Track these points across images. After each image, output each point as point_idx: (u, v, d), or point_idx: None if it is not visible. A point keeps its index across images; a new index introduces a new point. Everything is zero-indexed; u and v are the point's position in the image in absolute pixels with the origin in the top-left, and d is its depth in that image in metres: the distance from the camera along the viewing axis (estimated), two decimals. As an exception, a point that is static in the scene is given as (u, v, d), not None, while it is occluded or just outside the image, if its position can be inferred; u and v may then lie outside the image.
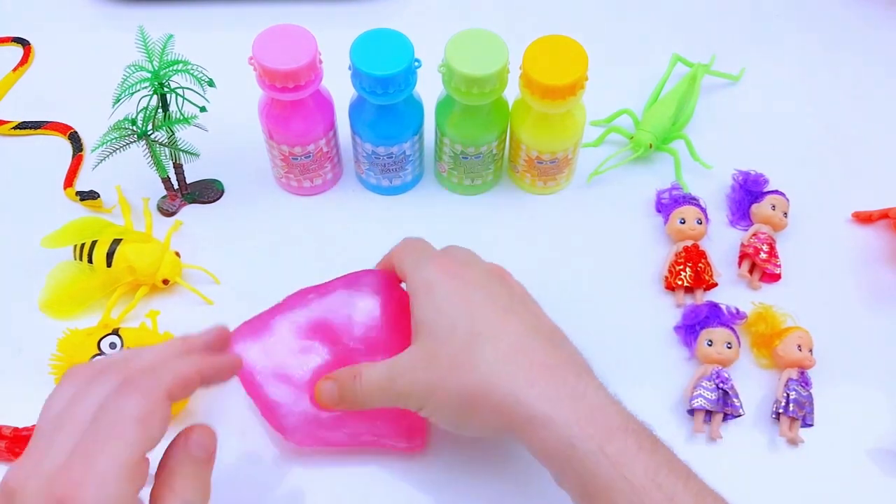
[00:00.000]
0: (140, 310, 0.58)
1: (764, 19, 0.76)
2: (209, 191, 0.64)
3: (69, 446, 0.38)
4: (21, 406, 0.54)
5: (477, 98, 0.56)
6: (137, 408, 0.39)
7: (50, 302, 0.59)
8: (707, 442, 0.55)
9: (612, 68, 0.66)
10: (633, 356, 0.57)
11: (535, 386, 0.44)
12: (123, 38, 0.60)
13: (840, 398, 0.56)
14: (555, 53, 0.56)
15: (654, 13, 0.76)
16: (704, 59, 0.71)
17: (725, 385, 0.55)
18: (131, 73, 0.56)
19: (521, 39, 0.57)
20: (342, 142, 0.64)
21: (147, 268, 0.58)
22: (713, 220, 0.63)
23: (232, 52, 0.62)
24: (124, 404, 0.39)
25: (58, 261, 0.60)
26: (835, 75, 0.72)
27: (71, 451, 0.38)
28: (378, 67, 0.55)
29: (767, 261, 0.60)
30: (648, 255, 0.62)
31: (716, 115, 0.69)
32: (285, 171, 0.62)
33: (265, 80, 0.56)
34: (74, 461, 0.38)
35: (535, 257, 0.62)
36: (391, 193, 0.65)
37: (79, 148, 0.67)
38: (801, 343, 0.56)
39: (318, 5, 0.75)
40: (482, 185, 0.64)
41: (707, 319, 0.57)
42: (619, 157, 0.66)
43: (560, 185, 0.65)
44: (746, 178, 0.64)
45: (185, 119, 0.57)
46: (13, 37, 0.73)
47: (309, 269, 0.61)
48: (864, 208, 0.64)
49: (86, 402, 0.40)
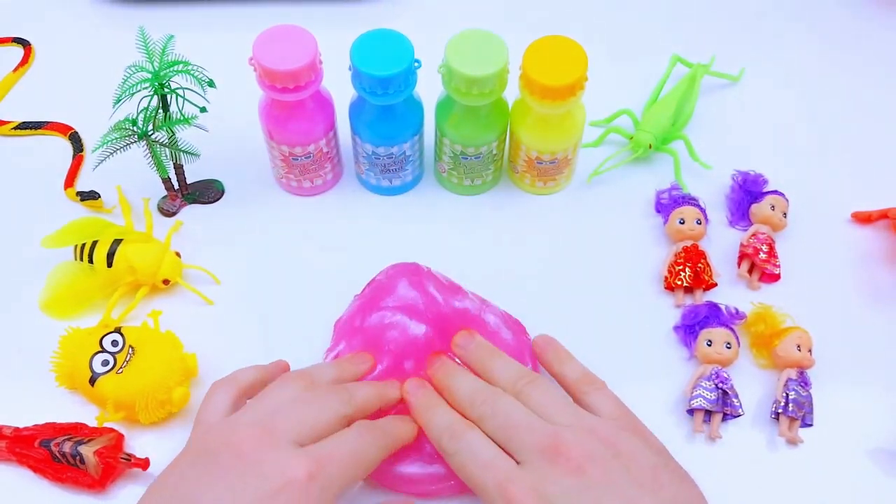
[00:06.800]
0: (140, 310, 0.58)
1: (764, 19, 0.76)
2: (209, 191, 0.65)
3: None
4: (21, 406, 0.55)
5: (477, 98, 0.57)
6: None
7: (50, 302, 0.59)
8: (706, 442, 0.55)
9: (611, 69, 0.67)
10: (633, 356, 0.57)
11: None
12: (124, 38, 0.60)
13: (839, 398, 0.56)
14: (554, 54, 0.56)
15: (654, 13, 0.76)
16: (704, 59, 0.71)
17: (725, 385, 0.55)
18: (132, 74, 0.56)
19: (521, 39, 0.58)
20: (342, 142, 0.64)
21: (147, 268, 0.58)
22: (713, 220, 0.63)
23: (232, 53, 0.63)
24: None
25: (58, 261, 0.60)
26: (834, 75, 0.72)
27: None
28: (378, 68, 0.55)
29: (767, 261, 0.60)
30: (648, 256, 0.62)
31: (715, 116, 0.69)
32: (285, 172, 0.62)
33: (265, 81, 0.56)
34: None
35: (534, 257, 0.62)
36: (391, 194, 0.65)
37: (79, 148, 0.67)
38: (800, 343, 0.56)
39: (318, 5, 0.75)
40: (482, 185, 0.64)
41: (706, 319, 0.57)
42: (619, 158, 0.66)
43: (560, 185, 0.65)
44: (746, 179, 0.64)
45: (186, 119, 0.57)
46: (13, 37, 0.73)
47: (309, 269, 0.61)
48: (864, 208, 0.64)
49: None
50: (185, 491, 0.43)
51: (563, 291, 0.60)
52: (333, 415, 0.47)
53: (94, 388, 0.53)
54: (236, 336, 0.58)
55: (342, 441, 0.46)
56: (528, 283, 0.61)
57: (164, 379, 0.53)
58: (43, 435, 0.52)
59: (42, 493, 0.52)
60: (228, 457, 0.43)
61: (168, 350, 0.54)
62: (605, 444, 0.45)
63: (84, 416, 0.54)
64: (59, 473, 0.52)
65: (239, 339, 0.57)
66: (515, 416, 0.47)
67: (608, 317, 0.59)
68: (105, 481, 0.51)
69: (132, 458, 0.51)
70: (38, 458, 0.52)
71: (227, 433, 0.45)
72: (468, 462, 0.46)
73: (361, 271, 0.60)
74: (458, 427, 0.47)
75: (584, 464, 0.44)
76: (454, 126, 0.60)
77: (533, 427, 0.46)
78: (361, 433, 0.47)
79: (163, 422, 0.54)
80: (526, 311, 0.57)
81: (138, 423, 0.53)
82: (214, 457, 0.44)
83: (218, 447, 0.44)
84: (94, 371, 0.53)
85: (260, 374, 0.51)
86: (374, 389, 0.50)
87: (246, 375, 0.50)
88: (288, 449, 0.44)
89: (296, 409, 0.46)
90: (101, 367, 0.53)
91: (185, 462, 0.45)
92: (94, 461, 0.51)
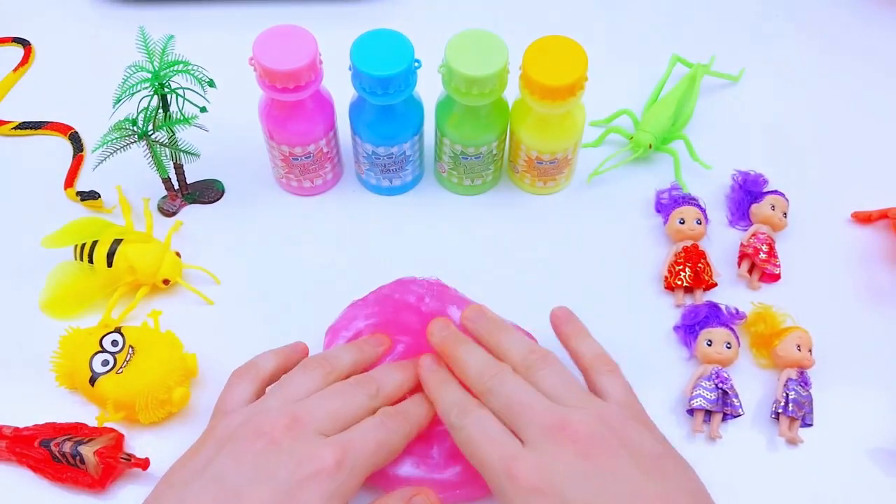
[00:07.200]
0: (140, 310, 0.58)
1: (764, 19, 0.76)
2: (209, 191, 0.65)
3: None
4: (21, 406, 0.55)
5: (477, 98, 0.57)
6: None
7: (50, 302, 0.59)
8: (706, 442, 0.55)
9: (611, 69, 0.67)
10: (633, 356, 0.57)
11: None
12: (124, 38, 0.60)
13: (839, 398, 0.56)
14: (554, 54, 0.56)
15: (654, 13, 0.76)
16: (704, 59, 0.71)
17: (725, 385, 0.55)
18: (132, 74, 0.56)
19: (521, 39, 0.58)
20: (342, 142, 0.64)
21: (147, 268, 0.58)
22: (713, 220, 0.63)
23: (232, 53, 0.63)
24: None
25: (58, 261, 0.60)
26: (834, 75, 0.72)
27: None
28: (378, 68, 0.55)
29: (767, 261, 0.60)
30: (648, 255, 0.62)
31: (715, 116, 0.69)
32: (285, 172, 0.62)
33: (265, 81, 0.56)
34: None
35: (534, 257, 0.62)
36: (391, 194, 0.65)
37: (79, 148, 0.67)
38: (800, 343, 0.56)
39: (318, 5, 0.75)
40: (482, 185, 0.64)
41: (706, 319, 0.57)
42: (619, 158, 0.66)
43: (560, 185, 0.65)
44: (746, 179, 0.64)
45: (186, 119, 0.57)
46: (13, 37, 0.73)
47: (309, 270, 0.61)
48: (864, 208, 0.64)
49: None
50: (216, 472, 0.44)
51: (563, 291, 0.60)
52: (359, 407, 0.48)
53: (94, 388, 0.53)
54: (236, 336, 0.58)
55: (367, 430, 0.47)
56: (528, 282, 0.61)
57: (164, 379, 0.53)
58: (43, 435, 0.52)
59: (42, 493, 0.52)
60: (262, 443, 0.44)
61: (168, 350, 0.54)
62: (612, 430, 0.45)
63: (84, 416, 0.54)
64: (59, 473, 0.52)
65: (239, 339, 0.57)
66: (523, 394, 0.47)
67: (608, 316, 0.59)
68: (105, 481, 0.51)
69: (132, 458, 0.51)
70: (38, 458, 0.52)
71: (256, 420, 0.46)
72: (475, 437, 0.46)
73: (361, 271, 0.60)
74: (467, 404, 0.48)
75: (590, 447, 0.44)
76: (454, 126, 0.60)
77: (540, 406, 0.46)
78: (385, 422, 0.48)
79: (163, 422, 0.54)
80: (526, 311, 0.57)
81: (138, 423, 0.53)
82: (245, 442, 0.45)
83: (247, 433, 0.45)
84: (94, 371, 0.53)
85: (280, 361, 0.51)
86: (400, 379, 0.51)
87: (266, 364, 0.51)
88: (316, 439, 0.45)
89: (324, 401, 0.47)
90: (101, 367, 0.53)
91: (209, 447, 0.46)
92: (94, 461, 0.51)
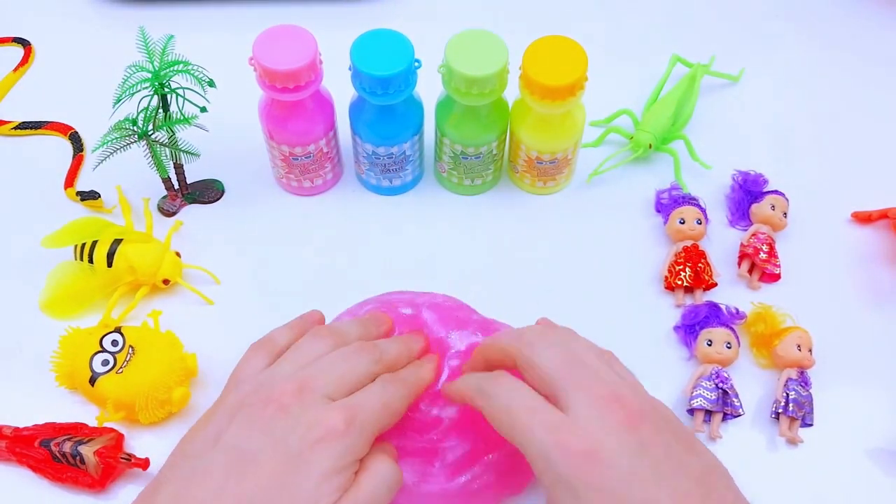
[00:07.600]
0: (140, 310, 0.58)
1: (764, 19, 0.76)
2: (209, 191, 0.65)
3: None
4: (21, 406, 0.55)
5: (477, 98, 0.57)
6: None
7: (50, 302, 0.59)
8: (706, 442, 0.55)
9: (611, 68, 0.67)
10: (633, 356, 0.57)
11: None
12: (124, 38, 0.60)
13: (839, 398, 0.56)
14: (554, 54, 0.56)
15: (654, 13, 0.76)
16: (704, 59, 0.71)
17: (725, 385, 0.55)
18: (132, 74, 0.56)
19: (521, 39, 0.58)
20: (342, 142, 0.64)
21: (147, 268, 0.58)
22: (713, 220, 0.63)
23: (232, 53, 0.63)
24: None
25: (58, 261, 0.60)
26: (834, 75, 0.72)
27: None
28: (378, 68, 0.55)
29: (767, 261, 0.60)
30: (648, 255, 0.62)
31: (715, 116, 0.69)
32: (285, 172, 0.62)
33: (265, 81, 0.56)
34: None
35: (534, 257, 0.62)
36: (391, 193, 0.65)
37: (79, 148, 0.67)
38: (800, 343, 0.56)
39: (318, 5, 0.75)
40: (482, 185, 0.64)
41: (706, 319, 0.57)
42: (619, 158, 0.66)
43: (560, 185, 0.65)
44: (746, 179, 0.64)
45: (186, 119, 0.57)
46: (13, 37, 0.73)
47: (309, 270, 0.61)
48: (864, 208, 0.64)
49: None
50: (228, 441, 0.44)
51: (563, 291, 0.60)
52: (364, 371, 0.48)
53: (94, 387, 0.53)
54: (236, 336, 0.58)
55: (370, 393, 0.47)
56: (528, 283, 0.61)
57: (164, 379, 0.53)
58: (43, 435, 0.52)
59: (42, 493, 0.52)
60: (271, 409, 0.45)
61: (168, 350, 0.54)
62: (654, 407, 0.45)
63: (84, 416, 0.54)
64: (59, 473, 0.52)
65: (239, 339, 0.57)
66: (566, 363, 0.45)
67: (608, 317, 0.59)
68: (105, 481, 0.51)
69: (132, 458, 0.51)
70: (38, 457, 0.52)
71: (266, 388, 0.46)
72: (513, 405, 0.44)
73: (361, 271, 0.60)
74: (495, 373, 0.47)
75: (639, 420, 0.43)
76: (454, 126, 0.60)
77: (586, 375, 0.45)
78: (385, 386, 0.48)
79: (163, 422, 0.54)
80: (526, 311, 0.57)
81: (138, 423, 0.53)
82: (255, 409, 0.45)
83: (257, 401, 0.46)
84: (94, 371, 0.53)
85: (295, 333, 0.52)
86: (402, 346, 0.52)
87: (282, 338, 0.51)
88: (324, 402, 0.46)
89: (331, 366, 0.48)
90: (101, 367, 0.53)
91: (221, 415, 0.46)
92: (94, 461, 0.51)
